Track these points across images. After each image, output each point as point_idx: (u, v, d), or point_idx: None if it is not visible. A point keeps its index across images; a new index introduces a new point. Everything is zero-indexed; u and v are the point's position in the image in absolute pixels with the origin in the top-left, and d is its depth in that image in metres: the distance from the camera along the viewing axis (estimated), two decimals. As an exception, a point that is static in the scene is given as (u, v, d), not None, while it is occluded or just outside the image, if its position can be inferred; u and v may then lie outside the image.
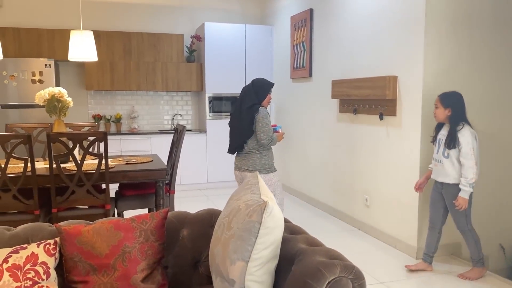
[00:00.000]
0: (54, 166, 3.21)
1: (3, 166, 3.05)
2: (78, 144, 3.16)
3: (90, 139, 3.86)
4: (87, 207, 3.44)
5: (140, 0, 6.62)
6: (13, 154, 3.05)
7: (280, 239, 1.64)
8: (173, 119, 6.96)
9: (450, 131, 3.22)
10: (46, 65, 5.72)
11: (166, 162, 4.52)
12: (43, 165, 3.64)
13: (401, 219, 3.95)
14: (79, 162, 3.16)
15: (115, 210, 3.88)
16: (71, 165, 3.58)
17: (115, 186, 5.09)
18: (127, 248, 1.82)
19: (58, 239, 1.83)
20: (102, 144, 4.45)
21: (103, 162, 3.23)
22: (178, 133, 3.98)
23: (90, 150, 3.27)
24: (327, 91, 5.14)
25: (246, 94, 3.55)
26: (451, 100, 3.23)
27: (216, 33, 6.46)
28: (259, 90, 3.54)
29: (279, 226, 1.62)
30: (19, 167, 3.44)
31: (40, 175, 3.22)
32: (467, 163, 3.13)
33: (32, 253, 1.73)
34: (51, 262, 1.75)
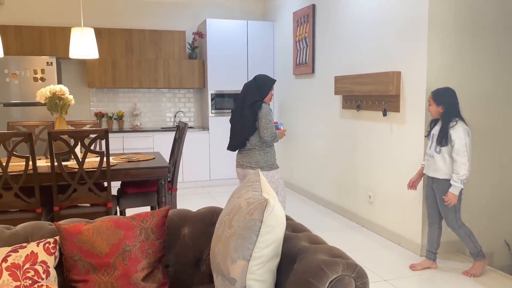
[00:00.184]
0: (56, 164, 3.20)
1: (4, 164, 3.04)
2: (79, 142, 3.16)
3: (92, 137, 3.85)
4: (89, 205, 3.43)
5: (142, -3, 6.60)
6: (14, 152, 3.04)
7: (281, 237, 1.62)
8: (175, 116, 6.95)
9: (442, 127, 3.22)
10: (48, 62, 5.71)
11: (168, 159, 4.51)
12: (45, 163, 3.63)
13: (405, 216, 3.92)
14: (80, 160, 3.15)
15: (117, 208, 3.88)
16: (72, 163, 3.57)
17: (117, 184, 5.10)
18: (128, 246, 1.81)
19: (58, 237, 1.81)
20: (103, 142, 4.44)
21: (104, 160, 3.22)
22: (180, 130, 3.97)
23: (92, 147, 3.25)
24: (330, 87, 5.10)
25: (248, 91, 3.52)
26: (443, 97, 3.22)
27: (218, 29, 6.43)
28: (261, 86, 3.51)
29: (281, 224, 1.60)
30: (21, 165, 3.44)
31: (42, 173, 3.21)
32: (459, 159, 3.12)
33: (32, 252, 1.71)
34: (51, 261, 1.74)
